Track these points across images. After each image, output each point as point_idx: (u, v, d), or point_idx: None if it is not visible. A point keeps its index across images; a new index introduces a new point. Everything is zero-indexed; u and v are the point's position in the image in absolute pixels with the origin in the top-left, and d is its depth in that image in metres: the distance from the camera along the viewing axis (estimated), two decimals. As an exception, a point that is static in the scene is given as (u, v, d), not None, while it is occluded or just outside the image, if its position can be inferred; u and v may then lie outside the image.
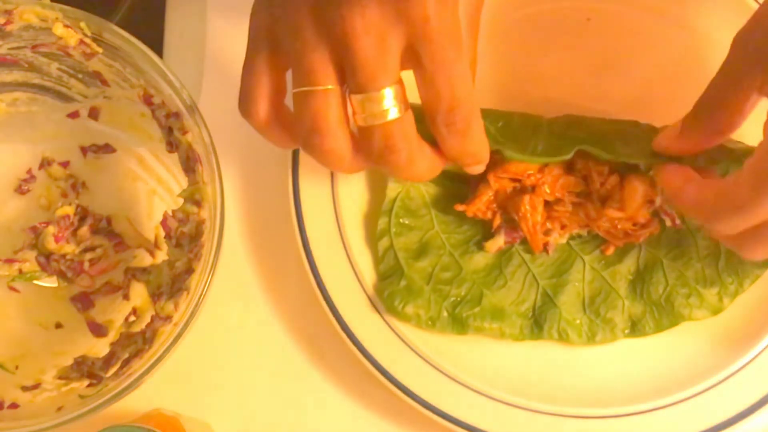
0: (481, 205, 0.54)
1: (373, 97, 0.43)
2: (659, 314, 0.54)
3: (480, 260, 0.55)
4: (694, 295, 0.54)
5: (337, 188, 0.56)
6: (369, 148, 0.45)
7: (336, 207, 0.56)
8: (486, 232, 0.56)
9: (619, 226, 0.53)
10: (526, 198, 0.53)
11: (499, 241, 0.55)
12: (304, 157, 0.56)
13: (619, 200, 0.53)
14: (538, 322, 0.54)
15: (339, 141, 0.44)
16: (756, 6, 0.55)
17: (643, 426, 0.53)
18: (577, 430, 0.53)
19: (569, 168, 0.54)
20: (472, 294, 0.54)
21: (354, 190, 0.56)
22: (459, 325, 0.54)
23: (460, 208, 0.54)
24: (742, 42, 0.45)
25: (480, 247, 0.55)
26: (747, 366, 0.54)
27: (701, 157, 0.49)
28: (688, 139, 0.48)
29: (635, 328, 0.55)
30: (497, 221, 0.54)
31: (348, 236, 0.55)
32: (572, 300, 0.55)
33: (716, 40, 0.56)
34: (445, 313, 0.54)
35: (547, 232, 0.54)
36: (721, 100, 0.46)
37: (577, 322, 0.54)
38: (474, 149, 0.47)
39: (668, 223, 0.54)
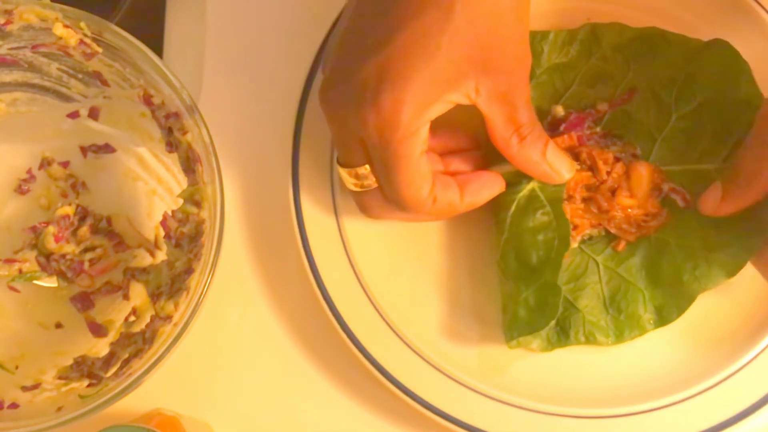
0: None
1: (342, 172, 0.51)
2: (676, 296, 0.53)
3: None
4: (700, 265, 0.53)
5: (337, 188, 0.56)
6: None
7: (336, 207, 0.56)
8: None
9: (632, 214, 0.54)
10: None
11: None
12: (303, 158, 0.56)
13: (628, 188, 0.54)
14: (564, 329, 0.54)
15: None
16: (756, 6, 0.55)
17: (643, 426, 0.53)
18: (577, 430, 0.53)
19: (575, 159, 0.54)
20: (504, 308, 0.54)
21: (354, 190, 0.56)
22: (516, 341, 0.53)
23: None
24: None
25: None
26: (747, 366, 0.54)
27: None
28: (731, 205, 0.51)
29: (661, 317, 0.54)
30: None
31: (348, 236, 0.55)
32: (593, 302, 0.54)
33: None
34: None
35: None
36: (756, 171, 0.49)
37: (602, 323, 0.54)
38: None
39: (680, 203, 0.54)
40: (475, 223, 0.56)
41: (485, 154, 0.54)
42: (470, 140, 0.54)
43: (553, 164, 0.51)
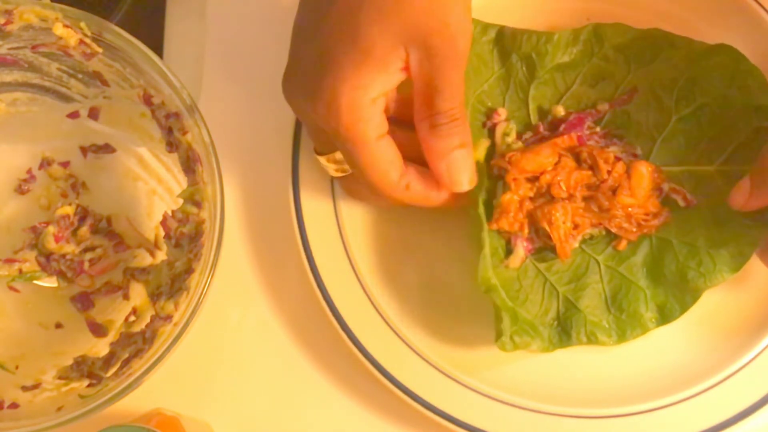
0: (509, 218, 0.54)
1: (321, 160, 0.52)
2: (680, 294, 0.54)
3: (502, 275, 0.55)
4: (705, 262, 0.53)
5: (337, 188, 0.56)
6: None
7: (336, 207, 0.56)
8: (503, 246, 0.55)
9: (632, 214, 0.54)
10: (559, 205, 0.53)
11: (520, 254, 0.55)
12: (303, 158, 0.56)
13: (629, 188, 0.54)
14: (565, 330, 0.54)
15: None
16: (757, 7, 0.56)
17: (643, 426, 0.53)
18: (577, 430, 0.53)
19: (576, 159, 0.54)
20: (507, 311, 0.54)
21: (354, 190, 0.56)
22: (512, 343, 0.53)
23: (492, 227, 0.54)
24: None
25: (500, 262, 0.55)
26: (747, 366, 0.54)
27: None
28: (759, 199, 0.51)
29: (663, 315, 0.54)
30: (525, 233, 0.54)
31: (348, 236, 0.55)
32: (595, 302, 0.54)
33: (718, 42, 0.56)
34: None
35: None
36: None
37: (604, 323, 0.54)
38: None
39: (681, 202, 0.54)
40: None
41: None
42: None
43: (452, 166, 0.49)
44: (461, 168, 0.49)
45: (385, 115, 0.49)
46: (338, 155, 0.51)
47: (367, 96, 0.46)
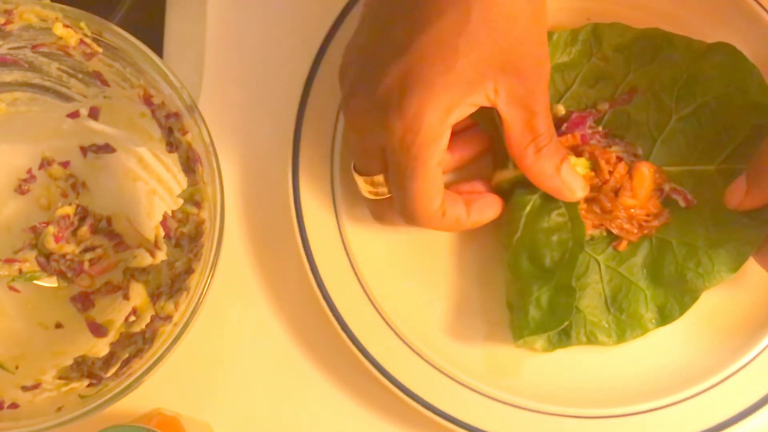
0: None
1: (358, 180, 0.52)
2: (679, 294, 0.54)
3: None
4: (703, 262, 0.53)
5: (337, 188, 0.56)
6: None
7: (336, 207, 0.56)
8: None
9: (634, 215, 0.54)
10: None
11: None
12: (303, 158, 0.56)
13: (630, 189, 0.54)
14: (565, 329, 0.54)
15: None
16: (757, 7, 0.55)
17: (643, 426, 0.53)
18: (578, 430, 0.53)
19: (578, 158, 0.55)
20: (510, 306, 0.54)
21: (354, 190, 0.56)
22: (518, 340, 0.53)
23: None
24: None
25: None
26: (747, 366, 0.54)
27: None
28: (755, 199, 0.51)
29: (663, 316, 0.54)
30: None
31: (348, 236, 0.55)
32: (594, 302, 0.54)
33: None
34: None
35: None
36: None
37: (604, 323, 0.54)
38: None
39: (682, 203, 0.54)
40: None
41: (495, 156, 0.55)
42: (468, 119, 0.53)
43: (566, 181, 0.51)
44: (574, 179, 0.51)
45: None
46: (377, 178, 0.50)
47: (449, 119, 0.47)
